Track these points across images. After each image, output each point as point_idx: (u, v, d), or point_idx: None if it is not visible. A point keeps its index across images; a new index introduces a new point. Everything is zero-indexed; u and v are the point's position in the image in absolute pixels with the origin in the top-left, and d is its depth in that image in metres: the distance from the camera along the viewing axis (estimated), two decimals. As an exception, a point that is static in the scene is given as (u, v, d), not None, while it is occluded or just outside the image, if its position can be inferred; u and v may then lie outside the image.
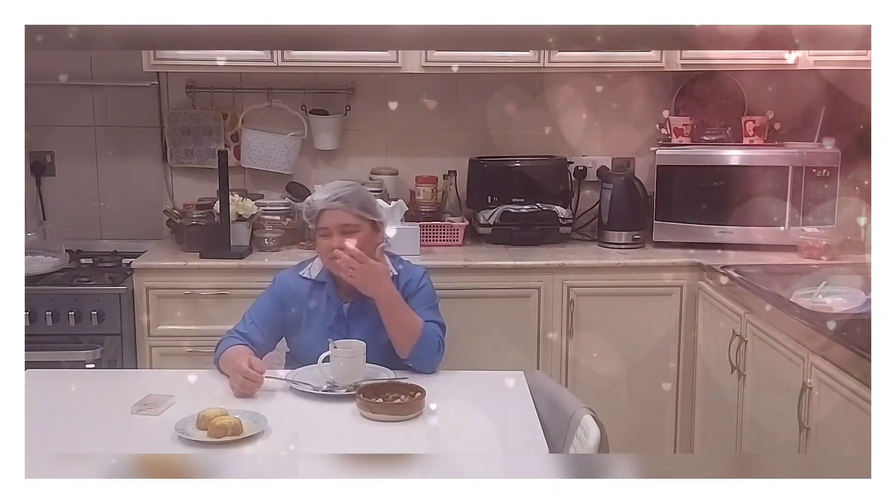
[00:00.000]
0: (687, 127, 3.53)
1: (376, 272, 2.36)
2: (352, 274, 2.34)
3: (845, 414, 2.15)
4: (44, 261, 3.33)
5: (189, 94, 3.63)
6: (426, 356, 2.37)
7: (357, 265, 2.33)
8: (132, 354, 3.17)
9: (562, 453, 2.02)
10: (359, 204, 2.42)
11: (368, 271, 2.35)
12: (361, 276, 2.35)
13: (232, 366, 2.24)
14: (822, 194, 3.35)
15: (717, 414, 3.06)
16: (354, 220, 2.41)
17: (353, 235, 2.39)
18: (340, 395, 2.17)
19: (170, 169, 3.71)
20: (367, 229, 2.43)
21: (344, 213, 2.40)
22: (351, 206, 2.41)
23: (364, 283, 2.37)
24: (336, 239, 2.39)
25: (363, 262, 2.34)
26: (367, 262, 2.34)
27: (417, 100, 3.68)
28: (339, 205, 2.41)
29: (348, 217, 2.40)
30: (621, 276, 3.27)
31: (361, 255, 2.34)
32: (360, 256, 2.34)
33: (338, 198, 2.41)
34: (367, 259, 2.35)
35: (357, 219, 2.41)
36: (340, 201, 2.41)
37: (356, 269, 2.33)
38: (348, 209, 2.41)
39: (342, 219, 2.40)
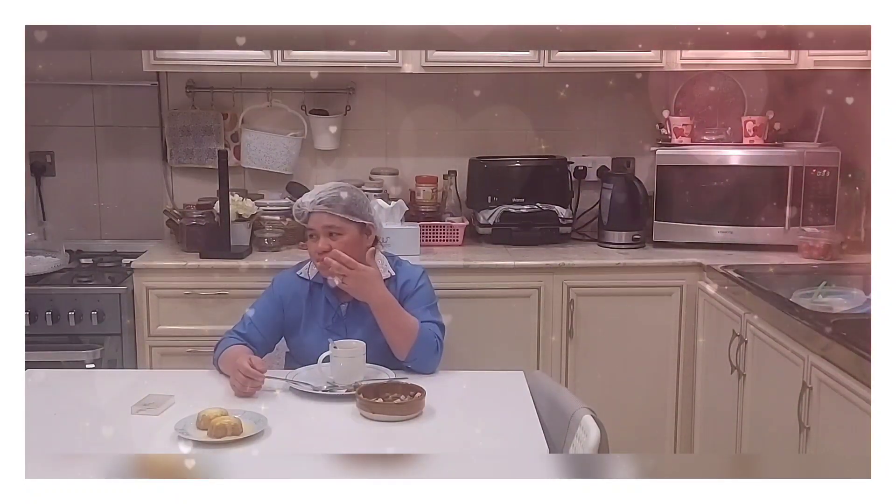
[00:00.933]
0: (687, 127, 3.53)
1: (367, 277, 2.36)
2: (343, 280, 2.35)
3: (845, 414, 2.15)
4: (44, 261, 3.32)
5: (189, 94, 3.63)
6: (424, 357, 2.37)
7: (347, 271, 2.34)
8: (132, 354, 3.17)
9: (562, 453, 2.02)
10: (343, 207, 2.42)
11: (359, 276, 2.35)
12: (353, 281, 2.35)
13: (232, 365, 2.24)
14: (822, 194, 3.35)
15: (717, 414, 3.06)
16: (339, 222, 2.41)
17: (338, 238, 2.40)
18: (340, 395, 2.17)
19: (170, 169, 3.71)
20: (354, 232, 2.43)
21: (328, 217, 2.41)
22: (335, 209, 2.41)
23: (356, 289, 2.37)
24: (322, 241, 2.40)
25: (353, 268, 2.34)
26: (356, 267, 2.35)
27: (417, 100, 3.68)
28: (323, 207, 2.41)
29: (333, 220, 2.41)
30: (621, 276, 3.27)
31: (351, 261, 2.34)
32: (350, 262, 2.34)
33: (321, 201, 2.41)
34: (356, 265, 2.35)
35: (342, 221, 2.41)
36: (324, 204, 2.41)
37: (347, 275, 2.34)
38: (332, 212, 2.41)
39: (326, 221, 2.41)
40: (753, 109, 3.60)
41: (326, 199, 2.42)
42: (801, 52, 3.25)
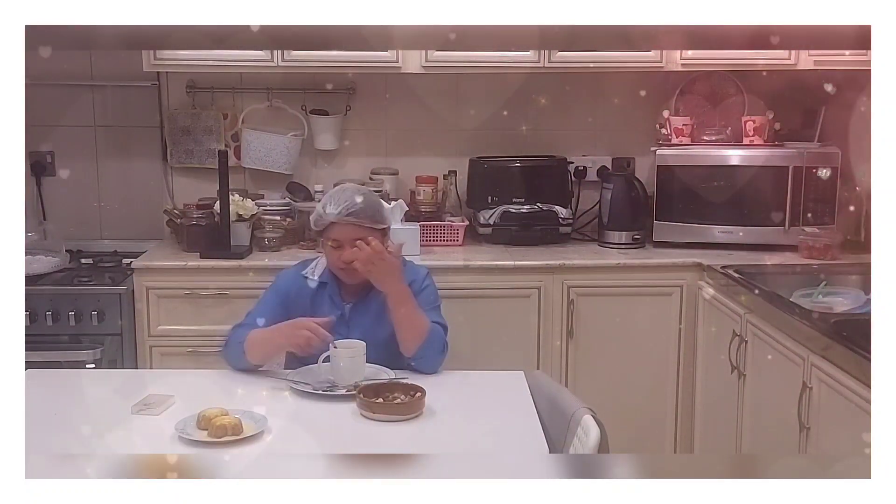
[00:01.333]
0: (687, 127, 3.53)
1: (394, 268, 2.39)
2: (370, 269, 2.36)
3: (845, 414, 2.15)
4: (44, 261, 3.32)
5: (189, 94, 3.63)
6: (431, 357, 2.37)
7: (378, 260, 2.36)
8: (132, 354, 3.17)
9: (562, 453, 2.02)
10: (369, 217, 2.43)
11: (387, 267, 2.37)
12: (380, 271, 2.37)
13: (288, 328, 2.29)
14: (822, 194, 3.35)
15: (717, 414, 3.06)
16: (366, 232, 2.42)
17: (364, 247, 2.41)
18: (340, 395, 2.17)
19: (170, 169, 3.71)
20: (378, 236, 2.45)
21: (355, 228, 2.41)
22: (363, 220, 2.42)
23: (382, 279, 2.38)
24: (348, 252, 2.41)
25: (383, 259, 2.36)
26: (386, 258, 2.37)
27: (417, 100, 3.68)
28: (352, 220, 2.41)
29: (360, 231, 2.41)
30: (621, 276, 3.27)
31: (382, 251, 2.37)
32: (382, 253, 2.36)
33: (350, 212, 2.41)
34: (386, 255, 2.37)
35: (367, 231, 2.42)
36: (353, 216, 2.41)
37: (375, 263, 2.36)
38: (360, 223, 2.42)
39: (354, 234, 2.41)
40: (753, 109, 3.60)
41: (354, 210, 2.41)
42: (801, 52, 3.25)
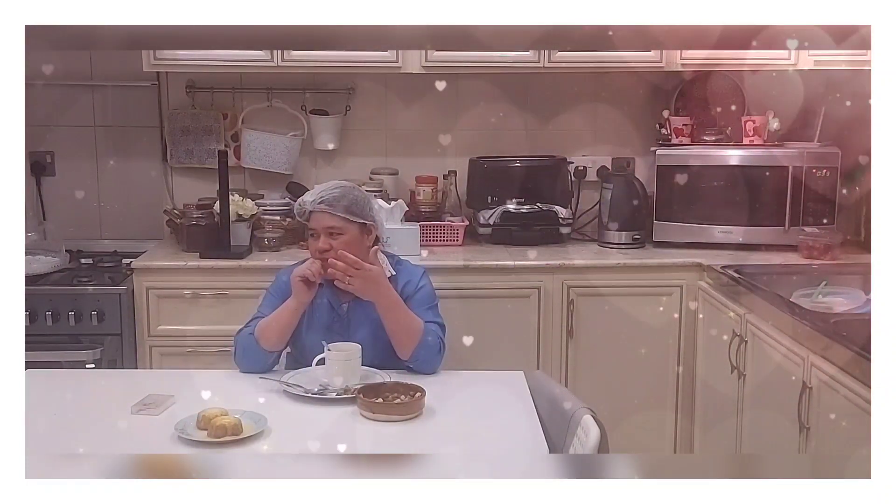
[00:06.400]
0: (687, 127, 3.53)
1: (373, 277, 2.35)
2: (349, 282, 2.34)
3: (845, 414, 2.15)
4: (44, 261, 3.33)
5: (189, 94, 3.63)
6: (427, 357, 2.37)
7: (353, 272, 2.32)
8: (132, 354, 3.17)
9: (562, 453, 2.02)
10: (344, 207, 2.41)
11: (365, 276, 2.33)
12: (359, 282, 2.34)
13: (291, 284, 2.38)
14: (822, 194, 3.35)
15: (717, 414, 3.06)
16: (339, 222, 2.41)
17: (339, 238, 2.40)
18: (336, 398, 2.16)
19: (170, 169, 3.71)
20: (355, 232, 2.42)
21: (329, 216, 2.41)
22: (336, 209, 2.41)
23: (363, 289, 2.36)
24: (323, 241, 2.40)
25: (359, 269, 2.33)
26: (363, 267, 2.33)
27: (417, 100, 3.68)
28: (324, 207, 2.41)
29: (333, 220, 2.40)
30: (621, 276, 3.27)
31: (357, 261, 2.32)
32: (356, 263, 2.33)
33: (322, 200, 2.41)
34: (362, 265, 2.33)
35: (342, 221, 2.41)
36: (325, 203, 2.41)
37: (353, 275, 2.33)
38: (333, 211, 2.41)
39: (327, 221, 2.41)
40: (753, 109, 3.60)
41: (328, 198, 2.42)
42: (801, 52, 3.25)
